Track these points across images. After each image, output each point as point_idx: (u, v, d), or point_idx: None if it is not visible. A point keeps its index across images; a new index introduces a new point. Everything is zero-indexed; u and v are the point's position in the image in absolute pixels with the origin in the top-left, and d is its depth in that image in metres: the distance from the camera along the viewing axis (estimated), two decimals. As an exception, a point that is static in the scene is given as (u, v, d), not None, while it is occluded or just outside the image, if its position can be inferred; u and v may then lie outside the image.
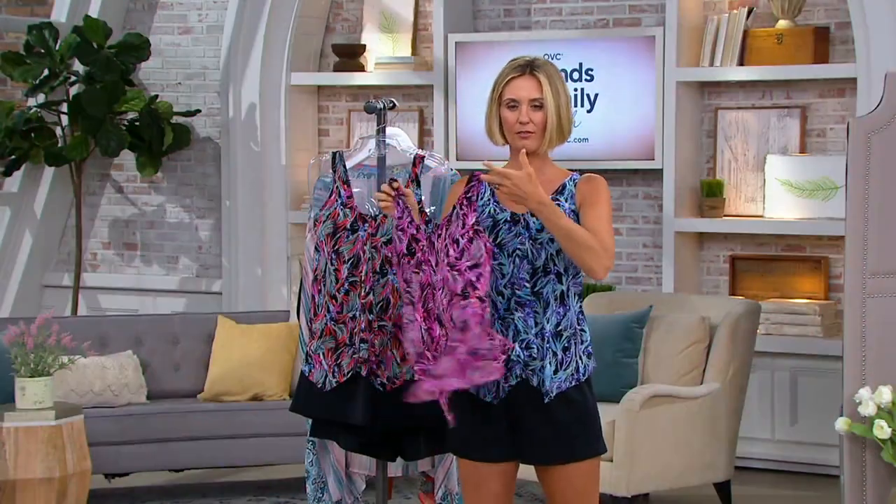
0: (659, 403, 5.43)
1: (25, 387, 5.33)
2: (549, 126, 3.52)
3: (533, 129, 3.52)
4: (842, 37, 6.53)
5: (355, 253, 3.95)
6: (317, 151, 7.60)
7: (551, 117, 3.51)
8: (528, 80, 3.52)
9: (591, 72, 6.83)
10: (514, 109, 3.53)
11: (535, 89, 3.52)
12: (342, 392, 3.95)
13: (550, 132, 3.52)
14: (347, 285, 3.95)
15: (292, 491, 6.11)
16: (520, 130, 3.52)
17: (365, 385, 3.94)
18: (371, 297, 3.92)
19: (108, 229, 8.06)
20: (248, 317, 6.40)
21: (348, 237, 3.95)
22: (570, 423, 3.54)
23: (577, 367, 3.55)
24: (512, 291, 3.52)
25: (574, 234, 3.44)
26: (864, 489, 4.65)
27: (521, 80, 3.53)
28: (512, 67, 3.55)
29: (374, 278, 3.92)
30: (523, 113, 3.51)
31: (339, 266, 3.95)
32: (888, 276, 4.65)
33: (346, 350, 3.96)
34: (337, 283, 3.95)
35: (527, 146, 3.52)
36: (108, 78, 7.26)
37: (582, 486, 3.57)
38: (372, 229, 3.94)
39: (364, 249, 3.94)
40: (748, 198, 6.72)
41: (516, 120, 3.52)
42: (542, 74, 3.52)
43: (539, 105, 3.52)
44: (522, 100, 3.52)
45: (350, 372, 3.95)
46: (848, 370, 4.69)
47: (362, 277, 3.92)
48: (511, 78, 3.53)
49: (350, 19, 7.59)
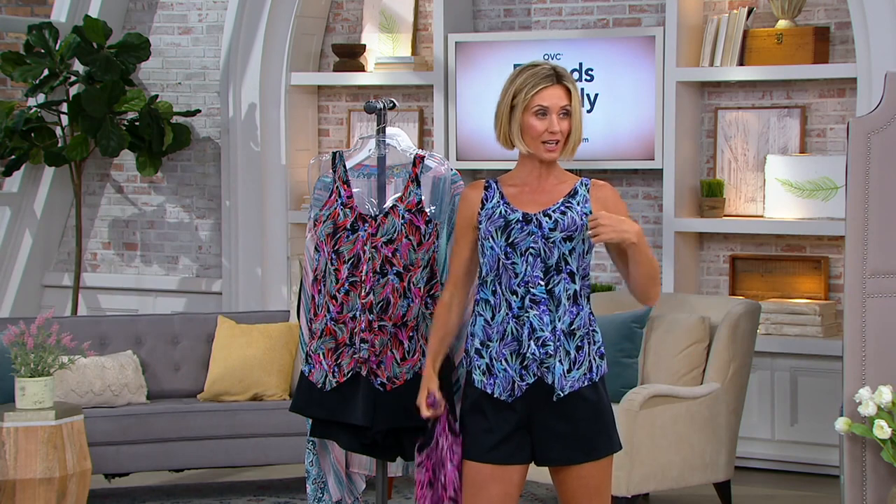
0: (659, 403, 5.43)
1: (25, 387, 5.33)
2: (573, 135, 3.58)
3: (560, 137, 3.57)
4: (842, 37, 6.53)
5: (355, 253, 3.95)
6: (317, 151, 7.60)
7: (577, 126, 3.57)
8: (559, 90, 3.58)
9: (591, 72, 6.83)
10: (542, 118, 3.56)
11: (565, 97, 3.58)
12: (342, 392, 3.96)
13: (574, 141, 3.59)
14: (348, 285, 3.95)
15: (292, 491, 6.11)
16: (548, 140, 3.56)
17: (365, 385, 3.94)
18: (371, 297, 3.92)
19: (108, 229, 8.06)
20: (248, 317, 6.40)
21: (348, 237, 3.96)
22: (587, 421, 3.57)
23: (590, 366, 3.58)
24: (526, 290, 3.56)
25: (654, 266, 3.58)
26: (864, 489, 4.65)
27: (552, 89, 3.57)
28: (541, 76, 3.56)
29: (374, 278, 3.92)
30: (554, 122, 3.55)
31: (339, 266, 3.95)
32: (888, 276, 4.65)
33: (347, 350, 3.96)
34: (337, 283, 3.95)
35: (552, 157, 3.59)
36: (108, 78, 7.26)
37: (596, 484, 3.59)
38: (372, 229, 3.94)
39: (364, 249, 3.94)
40: (748, 198, 6.72)
41: (546, 129, 3.56)
42: (569, 83, 3.59)
43: (567, 113, 3.57)
44: (553, 108, 3.56)
45: (350, 372, 3.96)
46: (848, 370, 4.69)
47: (362, 277, 3.92)
48: (542, 87, 3.56)
49: (350, 19, 7.59)
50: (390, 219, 3.93)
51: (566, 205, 3.59)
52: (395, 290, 3.91)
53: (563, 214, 3.58)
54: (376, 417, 3.91)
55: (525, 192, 3.62)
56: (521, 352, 3.56)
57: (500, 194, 3.62)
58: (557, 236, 3.56)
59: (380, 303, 3.92)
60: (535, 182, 3.62)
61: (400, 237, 3.91)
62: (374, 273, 3.92)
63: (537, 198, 3.61)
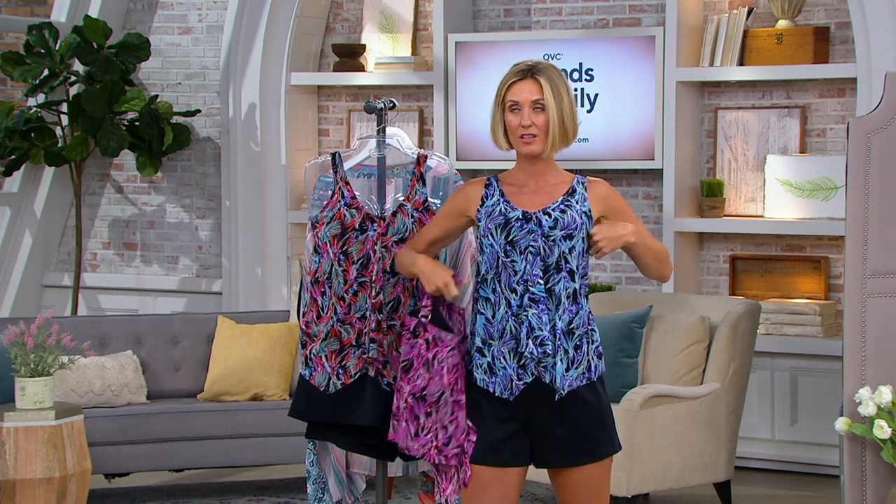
0: (659, 403, 5.43)
1: (25, 387, 5.33)
2: (551, 128, 3.55)
3: (536, 131, 3.55)
4: (842, 37, 6.53)
5: (365, 253, 3.94)
6: (317, 152, 7.60)
7: (553, 119, 3.54)
8: (530, 83, 3.55)
9: (591, 72, 6.83)
10: (516, 113, 3.56)
11: (536, 91, 3.55)
12: (347, 394, 3.95)
13: (553, 135, 3.55)
14: (356, 286, 3.94)
15: (292, 491, 6.11)
16: (523, 134, 3.55)
17: (372, 385, 3.93)
18: (381, 297, 3.92)
19: (108, 229, 8.06)
20: (248, 317, 6.40)
21: (357, 237, 3.95)
22: (587, 423, 3.56)
23: (588, 366, 3.58)
24: (525, 288, 3.55)
25: (658, 250, 3.62)
26: (864, 489, 4.65)
27: (522, 83, 3.56)
28: (514, 72, 3.59)
29: (384, 278, 3.92)
30: (525, 116, 3.54)
31: (347, 267, 3.95)
32: (888, 276, 4.65)
33: (353, 351, 3.95)
34: (345, 284, 3.95)
35: (532, 151, 3.55)
36: (108, 78, 7.26)
37: (596, 485, 3.59)
38: (382, 229, 3.94)
39: (375, 249, 3.93)
40: (748, 198, 6.72)
41: (519, 123, 3.55)
42: (542, 77, 3.55)
43: (541, 107, 3.55)
44: (524, 102, 3.55)
45: (358, 373, 3.95)
46: (848, 370, 4.69)
47: (373, 277, 3.92)
48: (513, 82, 3.56)
49: (350, 19, 7.59)
50: (399, 218, 3.93)
51: (565, 203, 3.58)
52: (405, 288, 3.92)
53: (562, 213, 3.57)
54: (385, 417, 3.90)
55: (524, 191, 3.62)
56: (519, 350, 3.56)
57: (500, 192, 3.62)
58: (557, 234, 3.56)
59: (390, 302, 3.92)
60: (533, 181, 3.62)
61: (411, 236, 3.91)
62: (384, 273, 3.92)
63: (536, 196, 3.61)
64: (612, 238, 3.55)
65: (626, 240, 3.56)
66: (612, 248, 3.55)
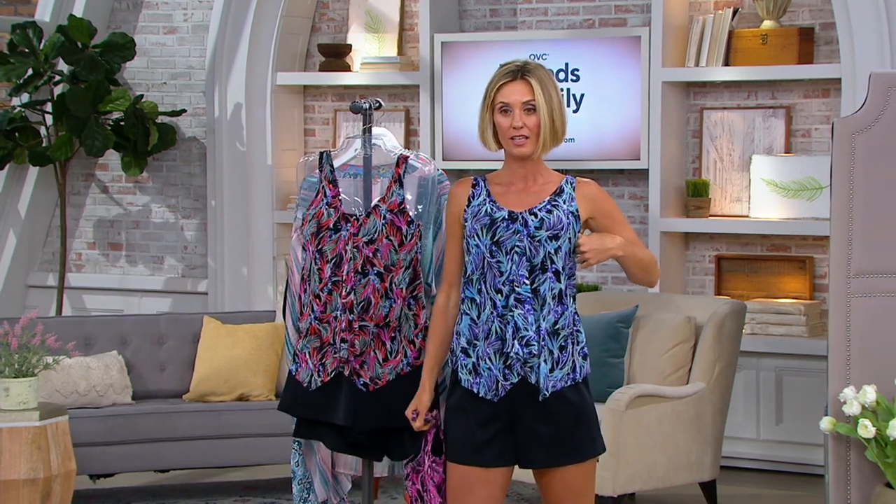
0: (645, 403, 5.43)
1: (9, 387, 5.31)
2: (542, 129, 3.55)
3: (527, 133, 3.55)
4: (826, 37, 6.54)
5: (338, 252, 3.94)
6: (303, 151, 7.59)
7: (544, 120, 3.54)
8: (520, 85, 3.54)
9: (577, 72, 6.83)
10: (506, 114, 3.55)
11: (527, 92, 3.54)
12: (326, 392, 3.95)
13: (544, 136, 3.55)
14: (331, 285, 3.94)
15: (278, 491, 6.10)
16: (514, 136, 3.54)
17: (348, 385, 3.93)
18: (352, 297, 3.91)
19: (92, 229, 8.04)
20: (233, 317, 6.39)
21: (331, 236, 3.95)
22: (570, 424, 3.55)
23: (573, 366, 3.57)
24: (511, 289, 3.55)
25: (645, 260, 3.60)
26: (848, 488, 4.66)
27: (512, 84, 3.55)
28: (503, 73, 3.57)
29: (355, 278, 3.91)
30: (517, 117, 3.54)
31: (322, 265, 3.95)
32: (872, 276, 4.67)
33: (330, 350, 3.96)
34: (320, 282, 3.95)
35: (523, 153, 3.55)
36: (93, 77, 7.24)
37: (580, 486, 3.58)
38: (354, 229, 3.94)
39: (346, 249, 3.93)
40: (733, 198, 6.73)
41: (510, 125, 3.54)
42: (533, 78, 3.54)
43: (532, 108, 3.54)
44: (515, 104, 3.54)
45: (333, 372, 3.95)
46: (833, 370, 4.70)
47: (343, 277, 3.92)
48: (503, 83, 3.55)
49: (336, 19, 7.58)
50: (372, 219, 3.92)
51: (552, 203, 3.58)
52: (375, 290, 3.90)
53: (549, 213, 3.57)
54: (358, 418, 3.91)
55: (511, 191, 3.61)
56: (504, 351, 3.56)
57: (486, 192, 3.61)
58: (543, 235, 3.55)
59: (360, 303, 3.92)
60: (521, 181, 3.62)
61: (380, 237, 3.90)
62: (355, 273, 3.91)
63: (523, 196, 3.60)
64: (600, 251, 3.54)
65: (613, 253, 3.56)
66: (599, 260, 3.54)
